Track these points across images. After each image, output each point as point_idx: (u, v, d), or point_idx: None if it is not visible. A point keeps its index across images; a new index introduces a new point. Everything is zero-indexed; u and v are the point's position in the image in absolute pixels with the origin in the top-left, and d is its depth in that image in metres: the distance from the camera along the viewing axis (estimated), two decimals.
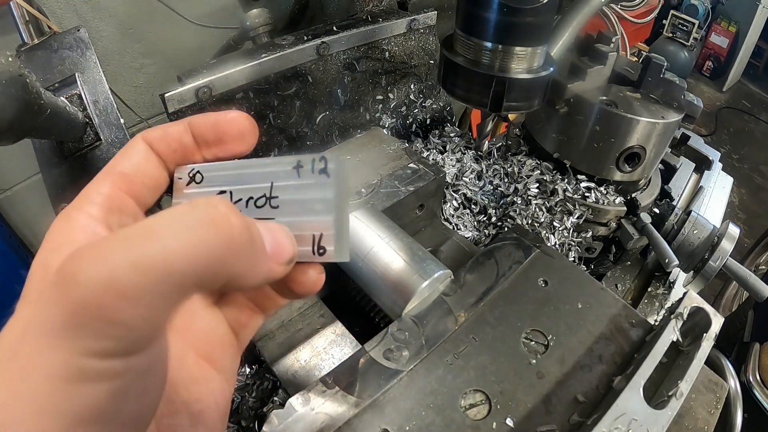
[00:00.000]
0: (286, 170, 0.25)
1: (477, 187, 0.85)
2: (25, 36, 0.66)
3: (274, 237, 0.23)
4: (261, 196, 0.26)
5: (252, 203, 0.26)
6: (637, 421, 0.45)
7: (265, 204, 0.25)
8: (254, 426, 0.58)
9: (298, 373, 0.58)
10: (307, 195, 0.25)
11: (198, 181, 0.28)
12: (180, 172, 0.28)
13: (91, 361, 0.18)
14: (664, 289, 0.82)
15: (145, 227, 0.19)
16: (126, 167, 0.26)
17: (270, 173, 0.26)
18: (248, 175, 0.26)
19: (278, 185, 0.25)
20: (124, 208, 0.25)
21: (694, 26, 3.49)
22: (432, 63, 0.97)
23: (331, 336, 0.62)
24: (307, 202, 0.25)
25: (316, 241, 0.24)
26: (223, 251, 0.20)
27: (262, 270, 0.22)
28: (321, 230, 0.24)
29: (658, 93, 0.77)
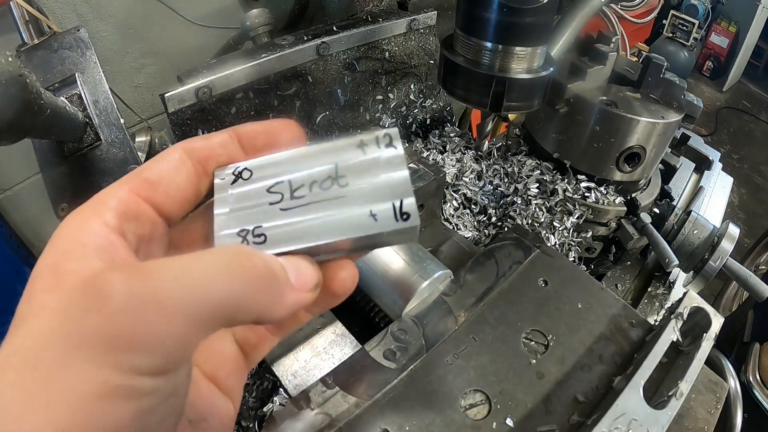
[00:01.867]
0: (350, 149, 0.25)
1: (477, 187, 0.85)
2: (25, 36, 0.66)
3: (297, 267, 0.24)
4: (326, 178, 0.25)
5: (317, 186, 0.25)
6: (637, 421, 0.45)
7: (333, 185, 0.25)
8: (254, 426, 0.58)
9: (298, 373, 0.58)
10: (379, 168, 0.25)
11: (246, 178, 0.26)
12: (221, 172, 0.26)
13: (124, 377, 0.18)
14: (664, 289, 0.82)
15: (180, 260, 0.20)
16: (152, 173, 0.25)
17: (331, 155, 0.25)
18: (306, 160, 0.26)
19: (344, 165, 0.25)
20: (140, 216, 0.24)
21: (694, 26, 3.49)
22: (432, 63, 0.97)
23: (331, 336, 0.62)
24: (380, 175, 0.25)
25: (397, 209, 0.24)
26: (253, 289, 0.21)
27: (290, 300, 0.23)
28: (400, 197, 0.24)
29: (658, 93, 0.77)
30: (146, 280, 0.18)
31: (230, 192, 0.26)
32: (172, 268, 0.19)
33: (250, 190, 0.26)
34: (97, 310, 0.17)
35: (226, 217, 0.25)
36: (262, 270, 0.22)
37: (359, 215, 0.24)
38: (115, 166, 0.64)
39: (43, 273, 0.20)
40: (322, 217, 0.24)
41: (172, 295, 0.18)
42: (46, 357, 0.17)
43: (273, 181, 0.25)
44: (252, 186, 0.26)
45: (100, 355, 0.17)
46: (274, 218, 0.25)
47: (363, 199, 0.24)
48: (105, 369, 0.17)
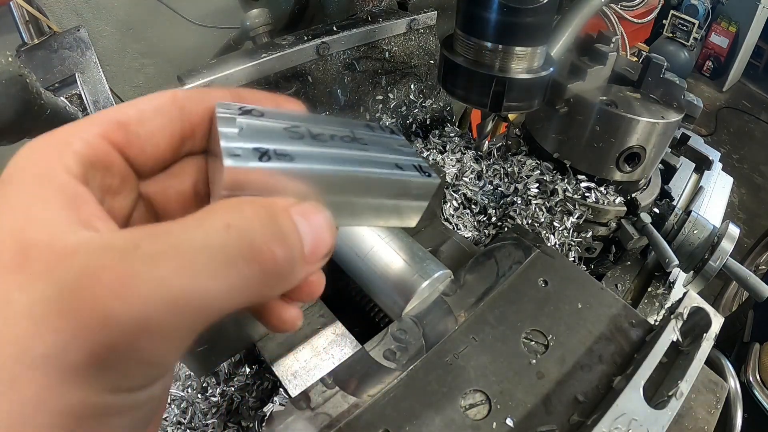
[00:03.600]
0: (360, 126, 0.26)
1: (477, 187, 0.85)
2: (25, 36, 0.66)
3: (315, 230, 0.20)
4: (345, 135, 0.24)
5: (338, 139, 0.23)
6: (637, 421, 0.45)
7: (352, 142, 0.24)
8: (254, 426, 0.58)
9: (298, 373, 0.58)
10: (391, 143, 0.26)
11: (257, 116, 0.22)
12: (225, 106, 0.22)
13: (116, 397, 0.17)
14: (664, 289, 0.81)
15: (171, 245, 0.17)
16: (131, 120, 0.21)
17: (344, 123, 0.25)
18: (322, 121, 0.24)
19: (358, 132, 0.25)
20: (110, 166, 0.20)
21: (694, 26, 3.49)
22: (432, 63, 0.97)
23: (331, 336, 0.62)
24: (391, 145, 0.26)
25: (418, 167, 0.25)
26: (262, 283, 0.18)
27: (297, 277, 0.20)
28: (419, 162, 0.25)
29: (658, 93, 0.77)
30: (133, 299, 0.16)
31: (238, 119, 0.21)
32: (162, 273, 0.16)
33: (264, 123, 0.22)
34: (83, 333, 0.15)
35: (237, 136, 0.20)
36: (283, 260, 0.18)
37: (386, 160, 0.23)
38: None
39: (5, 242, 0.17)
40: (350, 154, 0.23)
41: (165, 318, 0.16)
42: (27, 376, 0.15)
43: (290, 124, 0.23)
44: (265, 121, 0.22)
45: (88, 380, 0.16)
46: (298, 146, 0.21)
47: (386, 153, 0.24)
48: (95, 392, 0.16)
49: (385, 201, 0.24)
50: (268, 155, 0.20)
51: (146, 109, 0.21)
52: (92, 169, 0.19)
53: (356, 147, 0.23)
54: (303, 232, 0.19)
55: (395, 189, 0.23)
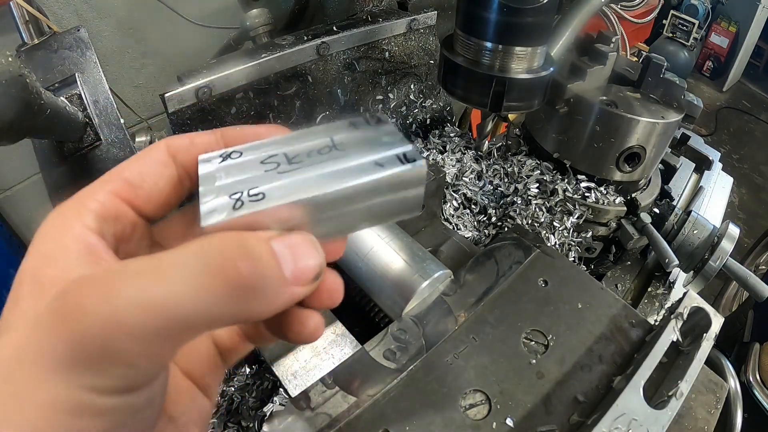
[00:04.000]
0: (342, 128, 0.26)
1: (477, 187, 0.85)
2: (25, 36, 0.66)
3: (296, 256, 0.21)
4: (324, 146, 0.24)
5: (315, 153, 0.24)
6: (637, 421, 0.45)
7: (331, 150, 0.24)
8: (254, 426, 0.58)
9: (298, 373, 0.58)
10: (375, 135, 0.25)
11: (235, 157, 0.24)
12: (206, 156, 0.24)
13: (91, 396, 0.18)
14: (664, 289, 0.81)
15: (153, 265, 0.19)
16: (135, 176, 0.24)
17: (324, 133, 0.25)
18: (299, 139, 0.25)
19: (339, 139, 0.25)
20: (120, 217, 0.24)
21: (694, 26, 3.49)
22: (432, 63, 0.97)
23: (331, 336, 0.62)
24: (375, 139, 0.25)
25: (401, 156, 0.24)
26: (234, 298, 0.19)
27: (281, 299, 0.21)
28: (402, 150, 0.24)
29: (658, 93, 0.77)
30: (111, 299, 0.18)
31: (218, 167, 0.23)
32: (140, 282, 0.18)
33: (241, 163, 0.24)
34: (62, 333, 0.18)
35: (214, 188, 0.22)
36: (249, 275, 0.19)
37: (364, 163, 0.23)
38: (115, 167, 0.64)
39: (26, 277, 0.21)
40: (328, 170, 0.23)
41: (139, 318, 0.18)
42: (20, 373, 0.18)
43: (266, 155, 0.24)
44: (242, 160, 0.24)
45: (68, 376, 0.17)
46: (272, 180, 0.22)
47: (365, 154, 0.24)
48: (74, 389, 0.17)
49: (375, 202, 0.24)
50: (241, 200, 0.21)
51: (145, 163, 0.25)
52: (105, 222, 0.23)
53: (334, 157, 0.24)
54: (283, 257, 0.21)
55: (379, 189, 0.23)
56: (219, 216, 0.21)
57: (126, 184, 0.24)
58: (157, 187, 0.24)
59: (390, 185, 0.23)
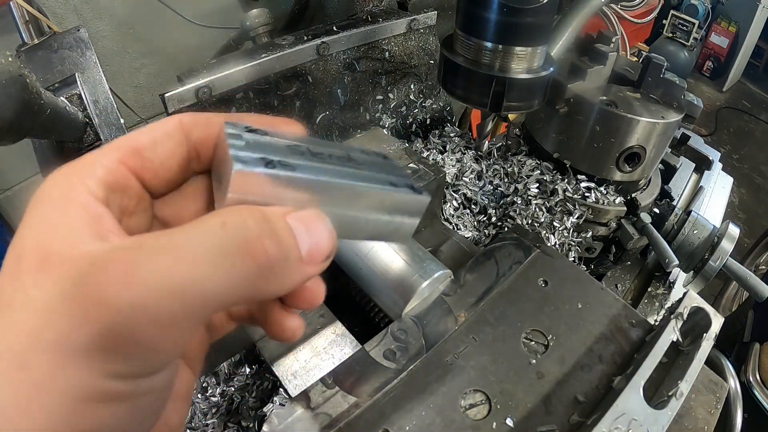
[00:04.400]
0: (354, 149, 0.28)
1: (477, 187, 0.85)
2: (25, 36, 0.66)
3: (313, 234, 0.21)
4: (343, 156, 0.26)
5: (336, 158, 0.25)
6: (637, 421, 0.45)
7: (350, 161, 0.26)
8: (254, 426, 0.58)
9: (298, 373, 0.58)
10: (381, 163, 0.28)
11: (261, 134, 0.24)
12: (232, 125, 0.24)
13: (113, 382, 0.17)
14: (664, 289, 0.81)
15: (173, 242, 0.18)
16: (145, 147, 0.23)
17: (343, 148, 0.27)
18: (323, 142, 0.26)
19: (354, 154, 0.27)
20: (127, 189, 0.23)
21: (694, 26, 3.49)
22: (432, 63, 0.97)
23: (331, 336, 0.62)
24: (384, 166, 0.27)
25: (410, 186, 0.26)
26: (256, 278, 0.19)
27: (295, 279, 0.21)
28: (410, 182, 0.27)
29: (658, 93, 0.77)
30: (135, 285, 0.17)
31: (245, 135, 0.23)
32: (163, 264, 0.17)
33: (269, 141, 0.24)
34: (86, 322, 0.17)
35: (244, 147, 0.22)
36: (274, 256, 0.19)
37: (380, 178, 0.25)
38: None
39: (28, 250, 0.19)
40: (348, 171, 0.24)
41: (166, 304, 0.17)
42: (37, 360, 0.17)
43: (292, 142, 0.24)
44: (269, 138, 0.24)
45: (92, 363, 0.17)
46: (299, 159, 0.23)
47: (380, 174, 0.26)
48: (96, 376, 0.17)
49: (380, 216, 0.25)
50: (273, 164, 0.21)
51: (157, 135, 0.23)
52: (112, 192, 0.22)
53: (353, 165, 0.25)
54: (299, 235, 0.21)
55: (389, 204, 0.25)
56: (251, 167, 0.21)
57: (135, 155, 0.23)
58: (166, 162, 0.24)
59: (397, 204, 0.25)
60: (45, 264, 0.18)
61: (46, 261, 0.18)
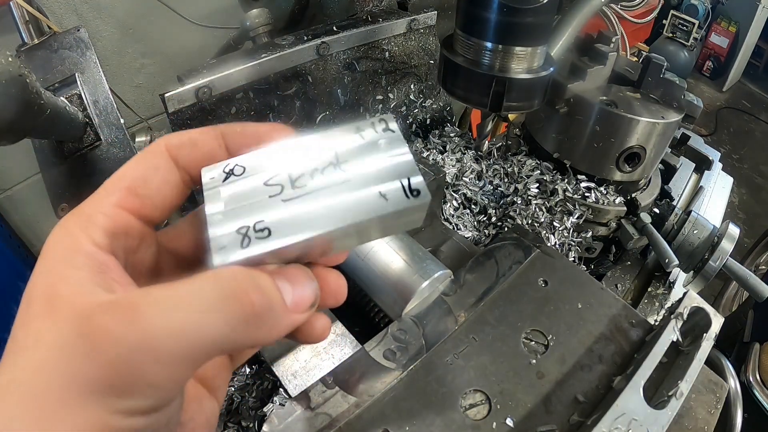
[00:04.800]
0: (347, 135, 0.25)
1: (477, 187, 0.85)
2: (25, 36, 0.66)
3: (295, 287, 0.23)
4: (327, 165, 0.24)
5: (318, 174, 0.24)
6: (637, 421, 0.45)
7: (335, 170, 0.24)
8: (254, 426, 0.58)
9: (298, 373, 0.58)
10: (380, 150, 0.25)
11: (239, 174, 0.24)
12: (210, 172, 0.24)
13: (120, 418, 0.19)
14: (664, 289, 0.81)
15: (175, 293, 0.20)
16: (138, 184, 0.24)
17: (329, 143, 0.25)
18: (302, 150, 0.25)
19: (343, 151, 0.25)
20: (129, 231, 0.24)
21: (694, 26, 3.49)
22: (432, 63, 0.97)
23: (331, 336, 0.62)
24: (383, 156, 0.24)
25: (406, 187, 0.24)
26: (246, 324, 0.21)
27: (283, 326, 0.23)
28: (407, 175, 0.24)
29: (658, 93, 0.77)
30: (139, 325, 0.19)
31: (222, 189, 0.24)
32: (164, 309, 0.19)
33: (245, 185, 0.24)
34: (94, 358, 0.18)
35: (222, 216, 0.23)
36: (260, 305, 0.21)
37: (369, 196, 0.23)
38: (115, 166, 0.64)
39: (37, 297, 0.20)
40: (330, 203, 0.23)
41: (166, 343, 0.19)
42: (47, 396, 0.18)
43: (270, 174, 0.24)
44: (246, 181, 0.24)
45: (98, 400, 0.18)
46: (276, 210, 0.23)
47: (370, 181, 0.24)
48: (103, 412, 0.18)
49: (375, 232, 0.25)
50: (248, 237, 0.22)
51: (148, 168, 0.24)
52: (115, 239, 0.23)
53: (338, 181, 0.24)
54: (283, 288, 0.23)
55: (382, 222, 0.24)
56: (229, 256, 0.22)
57: (131, 195, 0.24)
58: (161, 193, 0.25)
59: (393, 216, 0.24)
60: (53, 307, 0.20)
61: (53, 304, 0.20)
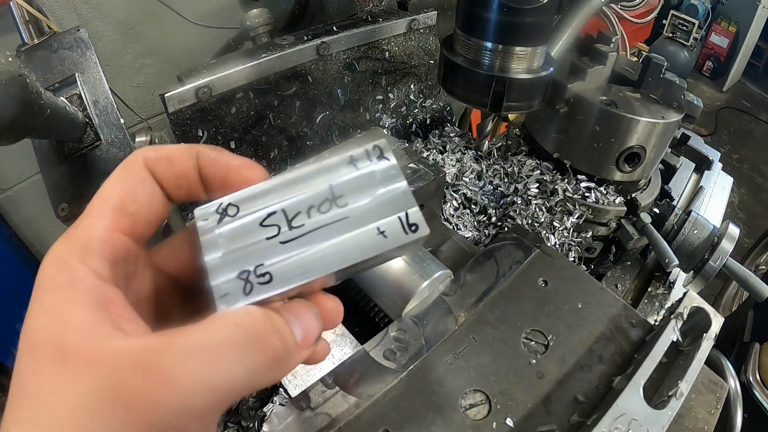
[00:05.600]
0: (341, 167, 0.24)
1: (477, 187, 0.85)
2: (25, 36, 0.66)
3: (303, 323, 0.24)
4: (323, 201, 0.23)
5: (315, 211, 0.23)
6: (637, 421, 0.45)
7: (331, 207, 0.23)
8: (254, 426, 0.58)
9: (298, 373, 0.58)
10: (376, 182, 0.24)
11: (233, 214, 0.23)
12: (202, 213, 0.24)
13: None
14: (664, 289, 0.81)
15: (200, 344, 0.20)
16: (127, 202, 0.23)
17: (323, 175, 0.24)
18: (296, 186, 0.24)
19: (338, 184, 0.24)
20: (128, 255, 0.23)
21: (694, 26, 3.49)
22: (432, 63, 0.97)
23: (331, 336, 0.62)
24: (379, 189, 0.24)
25: (404, 222, 0.23)
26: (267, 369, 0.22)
27: (294, 362, 0.24)
28: (405, 209, 0.24)
29: (658, 93, 0.77)
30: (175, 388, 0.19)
31: (218, 232, 0.23)
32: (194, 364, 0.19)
33: (241, 226, 0.23)
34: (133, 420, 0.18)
35: (221, 261, 0.23)
36: (280, 351, 0.22)
37: (367, 235, 0.23)
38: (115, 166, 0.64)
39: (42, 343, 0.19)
40: (329, 244, 0.23)
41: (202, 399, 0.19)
42: None
43: (265, 213, 0.23)
44: (242, 222, 0.23)
45: None
46: (275, 253, 0.23)
47: (367, 218, 0.23)
48: None
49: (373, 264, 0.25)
50: (250, 283, 0.22)
51: (133, 184, 0.24)
52: (115, 266, 0.22)
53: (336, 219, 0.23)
54: (293, 326, 0.23)
55: (382, 258, 0.24)
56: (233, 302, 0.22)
57: (121, 214, 0.23)
58: (151, 207, 0.24)
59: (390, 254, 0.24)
60: (64, 357, 0.19)
61: (66, 356, 0.19)
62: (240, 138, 0.76)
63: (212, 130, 0.72)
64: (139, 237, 0.24)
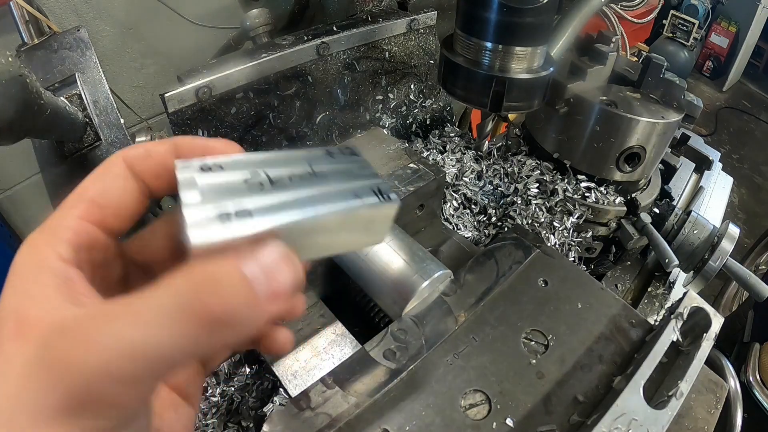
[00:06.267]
0: (319, 157, 0.27)
1: (477, 187, 0.85)
2: (25, 36, 0.66)
3: (270, 276, 0.22)
4: (305, 172, 0.26)
5: (296, 178, 0.25)
6: (637, 421, 0.45)
7: (311, 177, 0.26)
8: (254, 426, 0.58)
9: (298, 373, 0.58)
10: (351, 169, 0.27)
11: (216, 171, 0.24)
12: (185, 166, 0.24)
13: None
14: (664, 289, 0.81)
15: (130, 309, 0.20)
16: (99, 195, 0.24)
17: (303, 159, 0.27)
18: (278, 161, 0.26)
19: (316, 164, 0.26)
20: (94, 244, 0.24)
21: (694, 26, 3.49)
22: (432, 63, 0.97)
23: (331, 336, 0.62)
24: (351, 171, 0.27)
25: (377, 190, 0.26)
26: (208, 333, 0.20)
27: (256, 322, 0.22)
28: (377, 184, 0.26)
29: (658, 93, 0.77)
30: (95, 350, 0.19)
31: (199, 181, 0.23)
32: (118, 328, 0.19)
33: (224, 180, 0.23)
34: (54, 386, 0.18)
35: (200, 205, 0.22)
36: (221, 312, 0.20)
37: (346, 194, 0.25)
38: None
39: (7, 318, 0.21)
40: (311, 194, 0.24)
41: (124, 365, 0.19)
42: (19, 421, 0.19)
43: (248, 173, 0.24)
44: (225, 176, 0.24)
45: (66, 423, 0.19)
46: (258, 197, 0.23)
47: (345, 185, 0.26)
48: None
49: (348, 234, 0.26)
50: (229, 218, 0.21)
51: (107, 180, 0.25)
52: (81, 252, 0.23)
53: (314, 183, 0.25)
54: (256, 280, 0.21)
55: (355, 222, 0.25)
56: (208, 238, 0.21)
57: (92, 205, 0.24)
58: (122, 201, 0.25)
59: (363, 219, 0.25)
60: (21, 329, 0.20)
61: (22, 327, 0.20)
62: (240, 138, 0.76)
63: (212, 130, 0.73)
64: (109, 228, 0.25)
